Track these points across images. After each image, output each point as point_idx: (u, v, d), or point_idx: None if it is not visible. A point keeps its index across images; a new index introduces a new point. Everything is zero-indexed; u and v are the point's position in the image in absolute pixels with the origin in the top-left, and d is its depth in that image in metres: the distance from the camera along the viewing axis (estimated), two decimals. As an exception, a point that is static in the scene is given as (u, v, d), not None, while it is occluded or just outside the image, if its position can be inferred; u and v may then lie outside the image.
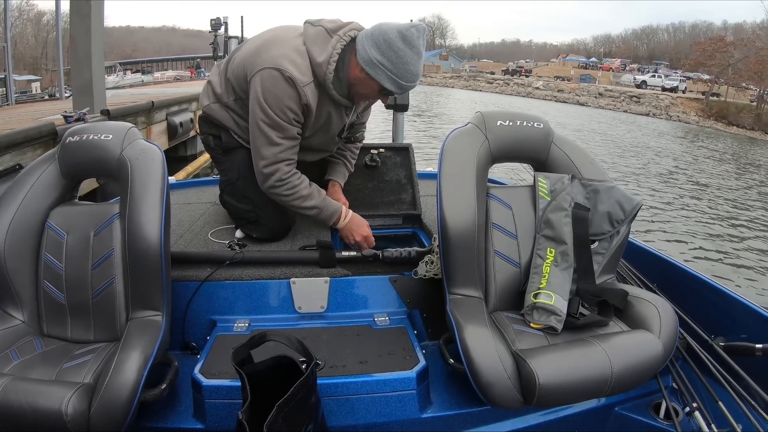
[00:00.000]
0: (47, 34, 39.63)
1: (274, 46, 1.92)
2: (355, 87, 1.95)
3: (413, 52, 1.82)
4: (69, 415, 1.31)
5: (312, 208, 2.06)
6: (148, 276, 1.65)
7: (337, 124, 2.13)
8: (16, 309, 1.69)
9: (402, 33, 1.79)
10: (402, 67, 1.82)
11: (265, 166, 1.98)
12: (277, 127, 1.93)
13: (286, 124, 1.93)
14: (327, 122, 2.08)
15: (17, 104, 10.81)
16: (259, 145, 1.97)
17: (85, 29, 6.72)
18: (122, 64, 40.78)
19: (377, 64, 1.83)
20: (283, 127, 1.93)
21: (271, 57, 1.88)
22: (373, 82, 1.88)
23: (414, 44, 1.81)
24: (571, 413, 1.76)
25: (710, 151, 20.92)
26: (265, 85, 1.88)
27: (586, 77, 52.38)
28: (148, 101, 8.85)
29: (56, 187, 1.81)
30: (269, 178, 1.99)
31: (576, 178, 1.92)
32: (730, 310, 1.83)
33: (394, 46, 1.80)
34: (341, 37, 1.91)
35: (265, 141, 1.95)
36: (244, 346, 1.39)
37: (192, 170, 8.75)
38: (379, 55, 1.82)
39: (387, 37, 1.81)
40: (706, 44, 44.74)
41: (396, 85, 1.87)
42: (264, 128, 1.93)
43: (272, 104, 1.89)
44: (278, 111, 1.90)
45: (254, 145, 2.00)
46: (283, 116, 1.91)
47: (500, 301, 1.81)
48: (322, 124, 2.07)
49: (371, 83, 1.89)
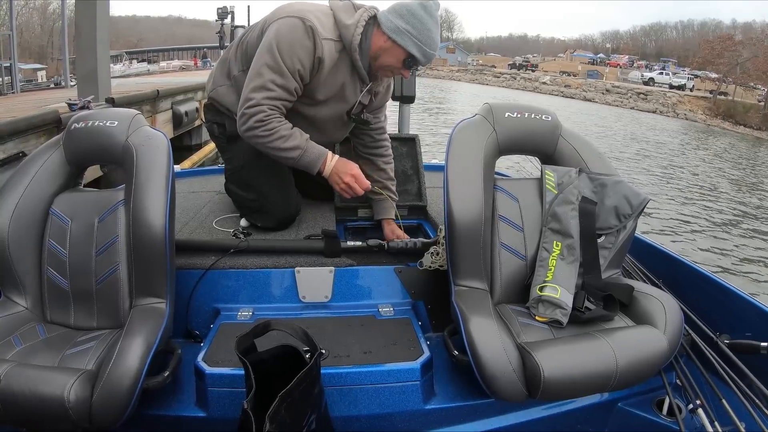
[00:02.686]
0: (53, 23, 39.56)
1: (298, 4, 1.96)
2: (379, 58, 1.97)
3: (434, 21, 1.91)
4: (71, 401, 1.30)
5: (294, 148, 1.97)
6: (152, 263, 1.65)
7: (351, 97, 2.10)
8: (20, 295, 1.69)
9: (422, 4, 1.88)
10: (426, 34, 1.90)
11: (248, 107, 1.92)
12: (279, 72, 1.90)
13: (289, 74, 1.90)
14: (341, 91, 2.06)
15: (22, 92, 10.82)
16: (251, 87, 1.93)
17: (90, 17, 6.70)
18: (128, 53, 40.72)
19: (403, 31, 1.89)
20: (285, 75, 1.90)
21: (295, 9, 1.93)
22: (399, 50, 1.92)
23: (434, 14, 1.90)
24: (574, 408, 1.75)
25: (718, 150, 20.85)
26: (282, 31, 1.89)
27: (593, 73, 52.15)
28: (153, 90, 8.84)
29: (61, 173, 1.80)
30: (250, 118, 1.92)
31: (583, 171, 1.90)
32: (736, 307, 1.81)
33: (417, 14, 1.88)
34: (366, 9, 1.98)
35: (259, 84, 1.91)
36: (248, 335, 1.38)
37: (197, 159, 8.74)
38: (404, 23, 1.89)
39: (409, 7, 1.89)
40: (714, 42, 44.58)
41: (421, 52, 1.91)
42: (264, 71, 1.90)
43: (283, 49, 1.88)
44: (287, 57, 1.88)
45: (245, 89, 1.95)
46: (290, 64, 1.89)
47: (505, 293, 1.80)
48: (335, 92, 2.05)
49: (397, 51, 1.93)
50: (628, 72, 52.17)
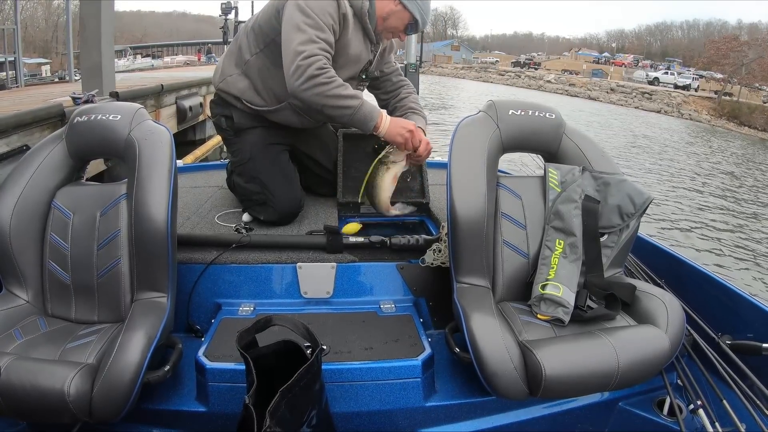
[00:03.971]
0: (58, 17, 39.58)
1: None
2: (387, 20, 2.12)
3: None
4: (71, 395, 1.31)
5: (354, 97, 1.97)
6: (153, 257, 1.65)
7: (364, 56, 2.19)
8: (21, 288, 1.69)
9: None
10: (425, 4, 2.12)
11: (303, 58, 1.90)
12: (318, 27, 1.95)
13: (326, 28, 1.97)
14: (356, 52, 2.14)
15: (26, 86, 10.81)
16: (297, 42, 1.93)
17: (94, 10, 6.70)
18: (133, 48, 40.69)
19: None
20: (324, 29, 1.96)
21: None
22: (406, 13, 2.10)
23: None
24: (575, 407, 1.75)
25: (725, 150, 20.82)
26: None
27: (598, 72, 52.01)
28: (158, 84, 8.82)
29: (63, 167, 1.80)
30: (307, 68, 1.89)
31: (587, 170, 1.90)
32: (738, 308, 1.81)
33: None
34: None
35: (305, 38, 1.93)
36: (250, 330, 1.37)
37: (200, 154, 8.71)
38: None
39: None
40: (720, 43, 44.38)
41: (422, 18, 2.13)
42: (304, 27, 1.94)
43: (314, 7, 1.95)
44: (320, 13, 1.96)
45: (289, 46, 1.94)
46: (324, 19, 1.96)
47: (507, 291, 1.80)
48: (352, 53, 2.12)
49: (404, 15, 2.11)
50: (632, 71, 52.02)
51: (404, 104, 2.40)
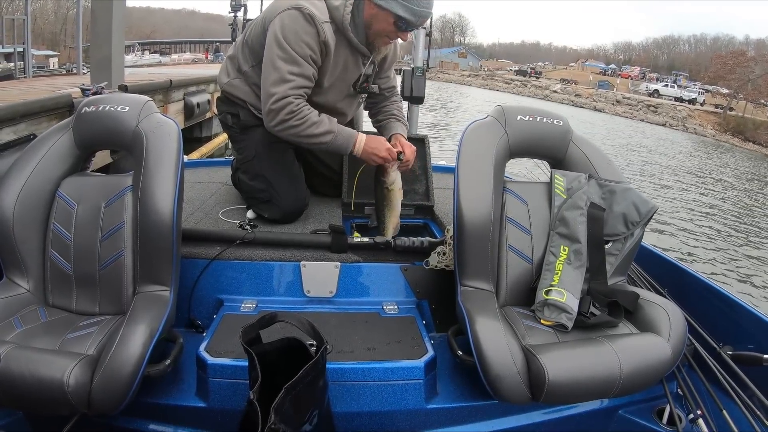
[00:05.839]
0: (67, 10, 39.73)
1: None
2: (371, 26, 2.05)
3: None
4: (70, 385, 1.30)
5: (326, 133, 2.03)
6: (158, 250, 1.64)
7: (353, 72, 2.17)
8: (22, 277, 1.69)
9: None
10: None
11: (275, 102, 1.97)
12: (292, 62, 1.95)
13: (302, 60, 1.96)
14: (344, 69, 2.12)
15: (34, 77, 10.84)
16: (270, 83, 1.98)
17: (106, 3, 6.73)
18: (141, 44, 40.71)
19: None
20: (299, 62, 1.95)
21: (290, 2, 1.96)
22: (386, 13, 1.97)
23: None
24: (575, 413, 1.75)
25: (730, 165, 20.83)
26: (285, 23, 1.95)
27: (604, 83, 52.05)
28: (166, 80, 8.83)
29: (69, 156, 1.80)
30: (279, 113, 1.98)
31: (593, 177, 1.89)
32: (740, 319, 1.81)
33: None
34: None
35: (277, 77, 1.96)
36: (254, 325, 1.36)
37: (206, 151, 8.73)
38: None
39: None
40: (726, 58, 44.38)
41: (409, 12, 1.95)
42: (278, 63, 1.95)
43: (290, 39, 1.94)
44: (296, 45, 1.94)
45: (264, 85, 2.00)
46: (300, 50, 1.95)
47: (511, 295, 1.80)
48: (339, 71, 2.11)
49: (385, 15, 1.98)
50: (638, 84, 52.06)
51: (388, 110, 2.42)
